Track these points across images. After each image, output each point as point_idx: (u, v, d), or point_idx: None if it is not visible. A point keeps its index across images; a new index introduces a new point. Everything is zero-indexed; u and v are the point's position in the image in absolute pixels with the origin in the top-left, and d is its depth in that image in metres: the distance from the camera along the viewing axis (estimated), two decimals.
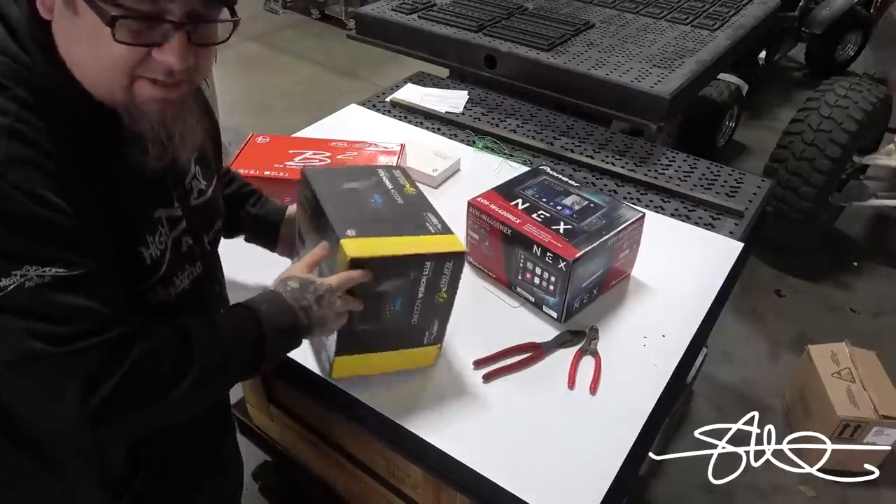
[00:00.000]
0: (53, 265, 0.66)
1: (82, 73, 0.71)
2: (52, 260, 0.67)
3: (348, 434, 1.22)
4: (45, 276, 0.66)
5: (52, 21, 0.68)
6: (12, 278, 0.65)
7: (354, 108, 1.91)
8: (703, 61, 1.93)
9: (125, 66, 0.69)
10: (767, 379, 2.35)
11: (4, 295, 0.64)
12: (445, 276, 0.98)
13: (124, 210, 0.76)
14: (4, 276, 0.64)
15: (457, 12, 2.17)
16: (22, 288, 0.65)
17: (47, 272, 0.66)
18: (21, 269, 0.65)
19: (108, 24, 0.65)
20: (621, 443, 0.99)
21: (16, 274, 0.65)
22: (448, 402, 1.04)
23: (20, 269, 0.65)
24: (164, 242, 0.82)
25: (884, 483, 1.98)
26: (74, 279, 0.68)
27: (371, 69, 4.54)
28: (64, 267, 0.67)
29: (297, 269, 0.92)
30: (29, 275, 0.65)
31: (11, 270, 0.65)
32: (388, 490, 1.21)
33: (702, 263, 1.36)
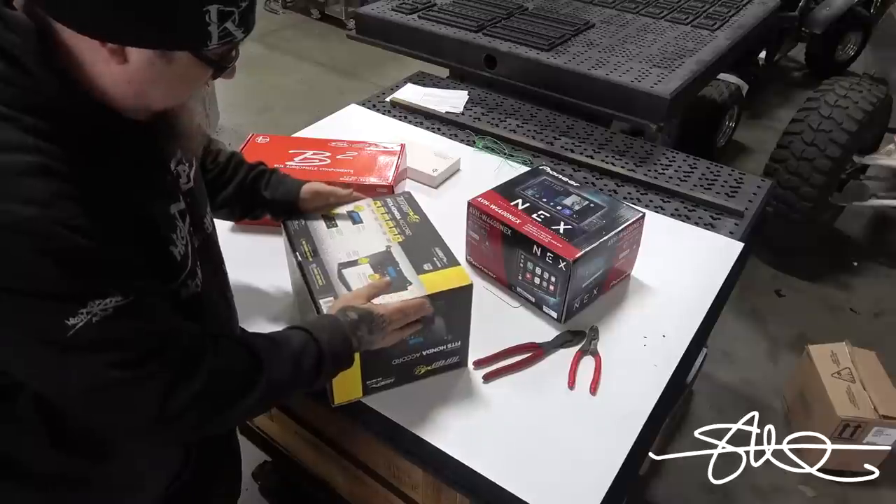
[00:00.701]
0: (112, 295, 0.68)
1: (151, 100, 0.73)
2: (110, 291, 0.68)
3: (348, 434, 1.22)
4: (107, 309, 0.68)
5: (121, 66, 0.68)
6: (79, 317, 0.66)
7: (354, 108, 1.91)
8: (703, 61, 1.93)
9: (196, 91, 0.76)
10: (767, 379, 2.35)
11: (74, 333, 0.66)
12: (458, 306, 1.01)
13: (150, 215, 0.78)
14: (71, 315, 0.66)
15: (457, 12, 2.17)
16: (90, 324, 0.67)
17: (109, 304, 0.68)
18: (86, 306, 0.66)
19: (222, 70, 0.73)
20: (621, 443, 0.99)
21: (82, 312, 0.66)
22: (448, 402, 1.04)
23: (84, 307, 0.66)
24: (184, 236, 0.84)
25: (884, 483, 1.98)
26: (132, 304, 0.70)
27: (371, 69, 4.54)
28: (122, 295, 0.69)
29: (358, 299, 0.94)
30: (94, 310, 0.67)
31: (77, 310, 0.66)
32: (388, 490, 1.21)
33: (702, 263, 1.36)
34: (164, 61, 0.68)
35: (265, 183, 1.13)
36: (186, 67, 0.70)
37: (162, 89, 0.73)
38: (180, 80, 0.72)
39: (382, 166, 1.41)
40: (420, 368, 1.05)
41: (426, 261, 1.02)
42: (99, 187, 0.70)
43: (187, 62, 0.70)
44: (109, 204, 0.71)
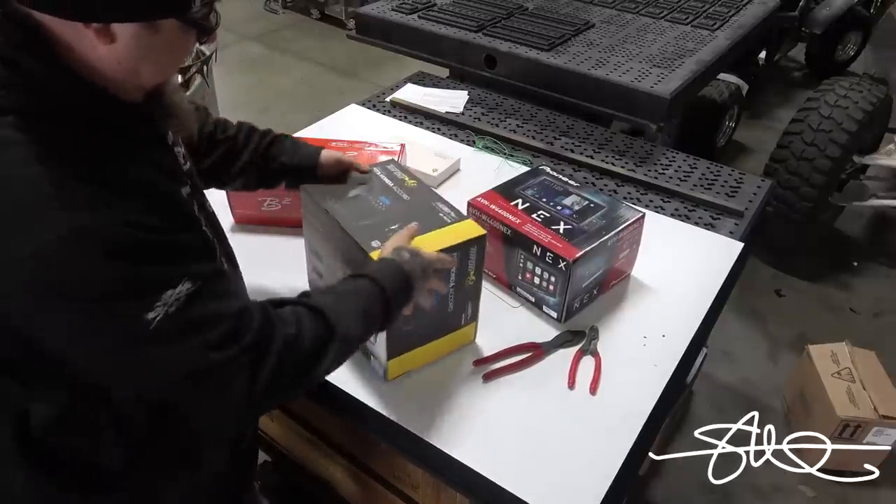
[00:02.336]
0: (182, 284, 0.68)
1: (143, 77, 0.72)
2: (179, 279, 0.68)
3: (348, 434, 1.22)
4: (181, 297, 0.68)
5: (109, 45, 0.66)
6: (156, 310, 0.66)
7: (354, 108, 1.91)
8: (703, 61, 1.93)
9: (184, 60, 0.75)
10: (767, 379, 2.35)
11: (156, 327, 0.66)
12: (472, 261, 1.03)
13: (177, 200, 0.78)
14: (148, 310, 0.66)
15: (457, 12, 2.17)
16: (168, 315, 0.67)
17: (181, 292, 0.68)
18: (160, 299, 0.66)
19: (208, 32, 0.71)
20: (621, 443, 0.99)
21: (158, 305, 0.66)
22: (448, 402, 1.04)
23: (159, 300, 0.66)
24: (201, 217, 0.84)
25: (884, 483, 1.98)
26: (201, 290, 0.70)
27: (371, 69, 4.54)
28: (191, 282, 0.69)
29: (403, 239, 0.95)
30: (168, 301, 0.67)
31: (153, 304, 0.66)
32: (387, 490, 1.21)
33: (702, 263, 1.36)
34: (151, 33, 0.67)
35: (282, 149, 1.11)
36: (173, 35, 0.69)
37: (152, 63, 0.71)
38: (168, 49, 0.72)
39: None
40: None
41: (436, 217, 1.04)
42: (133, 180, 0.70)
43: (173, 29, 0.69)
44: (148, 194, 0.71)
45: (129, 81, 0.72)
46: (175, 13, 0.67)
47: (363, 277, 0.88)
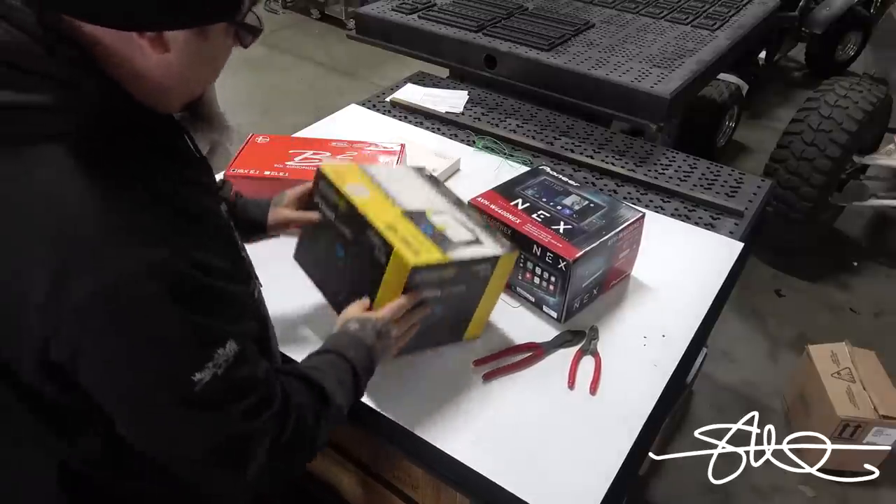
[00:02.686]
0: (231, 343, 0.65)
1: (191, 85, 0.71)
2: (229, 338, 0.65)
3: (348, 434, 1.22)
4: (229, 359, 0.65)
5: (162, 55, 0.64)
6: (205, 371, 0.63)
7: (354, 108, 1.91)
8: (703, 61, 1.93)
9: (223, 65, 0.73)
10: (767, 379, 2.35)
11: (201, 389, 0.63)
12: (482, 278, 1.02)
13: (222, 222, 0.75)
14: (198, 370, 0.62)
15: (457, 12, 2.17)
16: (216, 377, 0.64)
17: (230, 352, 0.65)
18: (213, 358, 0.63)
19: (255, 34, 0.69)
20: (621, 443, 0.99)
21: (209, 366, 0.63)
22: (448, 402, 1.04)
23: (212, 360, 0.63)
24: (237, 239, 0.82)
25: (884, 483, 1.98)
26: (243, 350, 0.67)
27: (371, 69, 4.54)
28: (236, 342, 0.66)
29: (354, 311, 0.94)
30: (219, 362, 0.64)
31: (205, 363, 0.63)
32: (387, 490, 1.21)
33: (702, 263, 1.36)
34: (201, 39, 0.65)
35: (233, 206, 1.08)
36: (220, 40, 0.68)
37: (200, 69, 0.70)
38: (215, 55, 0.70)
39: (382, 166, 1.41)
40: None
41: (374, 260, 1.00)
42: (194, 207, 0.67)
43: (220, 34, 0.67)
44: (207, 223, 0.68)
45: (175, 90, 0.69)
46: (225, 17, 0.66)
47: (330, 353, 0.87)
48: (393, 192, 1.03)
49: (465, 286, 1.01)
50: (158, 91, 0.67)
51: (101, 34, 0.61)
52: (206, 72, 0.72)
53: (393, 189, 1.04)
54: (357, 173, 1.05)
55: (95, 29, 0.61)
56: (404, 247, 0.90)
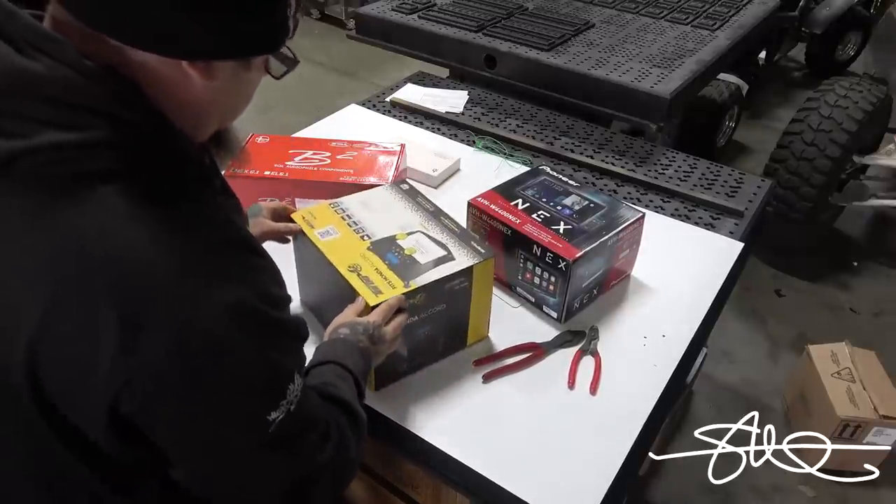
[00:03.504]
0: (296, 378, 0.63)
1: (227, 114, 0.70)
2: (297, 373, 0.64)
3: None
4: (297, 393, 0.63)
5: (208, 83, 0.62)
6: (280, 410, 0.61)
7: (354, 108, 1.91)
8: (703, 61, 1.93)
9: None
10: (767, 379, 2.35)
11: (276, 428, 0.61)
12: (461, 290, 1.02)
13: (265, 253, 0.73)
14: (273, 409, 0.60)
15: (457, 12, 2.17)
16: (289, 414, 0.62)
17: (298, 389, 0.63)
18: (286, 396, 0.61)
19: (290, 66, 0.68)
20: (621, 443, 0.99)
21: (282, 404, 0.61)
22: (448, 403, 1.04)
23: (285, 398, 0.61)
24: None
25: (884, 483, 1.98)
26: (304, 385, 0.65)
27: (371, 69, 4.54)
28: (300, 375, 0.64)
29: (344, 316, 0.93)
30: (290, 398, 0.62)
31: (279, 401, 0.61)
32: (387, 490, 1.21)
33: (702, 263, 1.36)
34: (245, 69, 0.64)
35: None
36: (259, 70, 0.67)
37: (239, 99, 0.69)
38: (252, 85, 0.69)
39: (382, 166, 1.41)
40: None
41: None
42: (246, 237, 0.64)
43: (260, 65, 0.66)
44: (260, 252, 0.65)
45: (213, 119, 0.68)
46: (269, 49, 0.65)
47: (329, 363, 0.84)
48: (364, 224, 1.07)
49: (445, 303, 1.02)
50: (197, 119, 0.66)
51: (151, 63, 0.59)
52: (242, 101, 0.71)
53: (365, 220, 1.08)
54: (328, 214, 1.09)
55: (146, 56, 0.58)
56: (364, 287, 0.94)
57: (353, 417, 0.78)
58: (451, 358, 1.11)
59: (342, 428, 0.74)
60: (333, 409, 0.76)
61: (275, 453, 0.63)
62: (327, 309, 1.07)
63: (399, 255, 1.01)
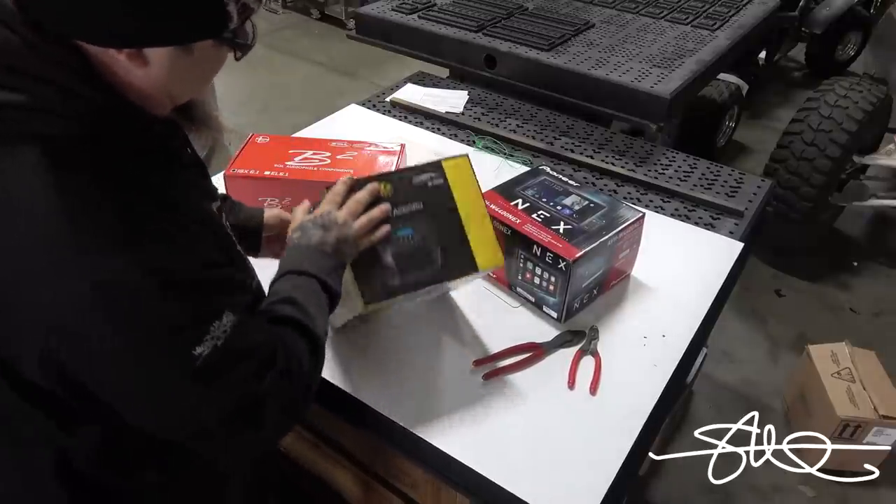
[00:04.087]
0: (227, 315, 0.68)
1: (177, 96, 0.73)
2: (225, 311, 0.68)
3: (348, 433, 1.22)
4: (227, 329, 0.67)
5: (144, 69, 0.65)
6: (205, 344, 0.65)
7: (354, 108, 1.91)
8: (703, 61, 1.93)
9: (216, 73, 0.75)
10: (767, 379, 2.35)
11: (203, 361, 0.65)
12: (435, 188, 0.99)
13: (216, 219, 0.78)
14: (197, 344, 0.65)
15: (457, 12, 2.17)
16: (216, 348, 0.66)
17: (227, 324, 0.67)
18: (209, 332, 0.66)
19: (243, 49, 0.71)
20: (621, 443, 0.99)
21: (207, 339, 0.66)
22: (448, 402, 1.04)
23: (207, 333, 0.66)
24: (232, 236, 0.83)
25: (884, 483, 1.98)
26: (241, 321, 0.70)
27: (371, 69, 4.54)
28: (233, 313, 0.68)
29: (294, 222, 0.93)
30: (216, 334, 0.66)
31: (203, 337, 0.65)
32: (387, 490, 1.21)
33: (702, 263, 1.36)
34: (185, 54, 0.66)
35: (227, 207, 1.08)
36: (206, 53, 0.68)
37: (187, 82, 0.72)
38: (203, 67, 0.72)
39: (382, 166, 1.41)
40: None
41: None
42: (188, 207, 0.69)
43: (206, 48, 0.68)
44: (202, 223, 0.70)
45: (160, 100, 0.71)
46: (209, 35, 0.66)
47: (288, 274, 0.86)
48: None
49: (423, 202, 0.98)
50: (146, 99, 0.69)
51: (90, 47, 0.63)
52: (192, 83, 0.73)
53: None
54: None
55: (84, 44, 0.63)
56: None
57: (309, 338, 0.80)
58: (451, 358, 1.11)
59: (295, 352, 0.77)
60: (286, 331, 0.79)
61: (206, 384, 0.67)
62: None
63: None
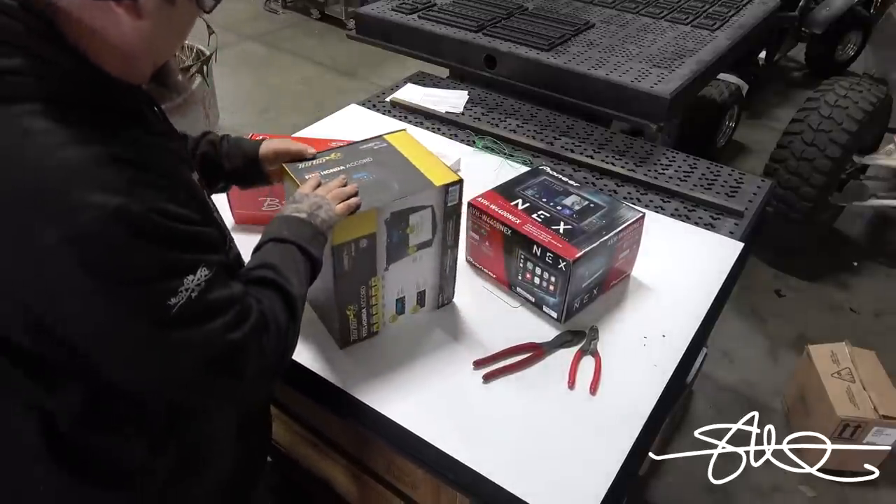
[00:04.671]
0: (201, 270, 0.70)
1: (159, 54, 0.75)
2: (199, 265, 0.70)
3: (348, 434, 1.22)
4: (201, 283, 0.70)
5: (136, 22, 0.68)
6: (179, 295, 0.68)
7: (354, 108, 1.92)
8: (703, 61, 1.93)
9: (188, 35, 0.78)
10: (767, 379, 2.35)
11: (178, 311, 0.68)
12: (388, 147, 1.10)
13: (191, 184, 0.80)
14: (172, 295, 0.67)
15: (457, 12, 2.17)
16: (190, 300, 0.69)
17: (202, 277, 0.70)
18: (183, 283, 0.68)
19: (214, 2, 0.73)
20: (621, 443, 0.99)
21: (181, 290, 0.68)
22: (448, 402, 1.04)
23: (183, 285, 0.68)
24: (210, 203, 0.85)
25: (884, 483, 1.98)
26: (216, 275, 0.72)
27: (371, 69, 4.54)
28: (208, 268, 0.71)
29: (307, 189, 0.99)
30: (190, 286, 0.69)
31: (177, 288, 0.68)
32: (387, 490, 1.21)
33: (702, 263, 1.36)
34: (169, 5, 0.69)
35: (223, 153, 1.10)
36: (184, 6, 0.72)
37: (169, 37, 0.75)
38: (181, 22, 0.74)
39: None
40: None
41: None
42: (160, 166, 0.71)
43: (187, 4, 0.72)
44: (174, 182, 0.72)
45: (144, 58, 0.73)
46: None
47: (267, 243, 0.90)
48: None
49: (371, 158, 1.08)
50: (129, 59, 0.71)
51: (76, 7, 0.65)
52: (173, 38, 0.76)
53: None
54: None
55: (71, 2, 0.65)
56: None
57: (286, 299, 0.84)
58: (451, 358, 1.12)
59: (273, 310, 0.81)
60: (263, 291, 0.83)
61: (182, 332, 0.69)
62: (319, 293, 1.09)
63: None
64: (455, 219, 1.09)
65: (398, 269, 1.08)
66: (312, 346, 1.13)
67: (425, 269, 1.12)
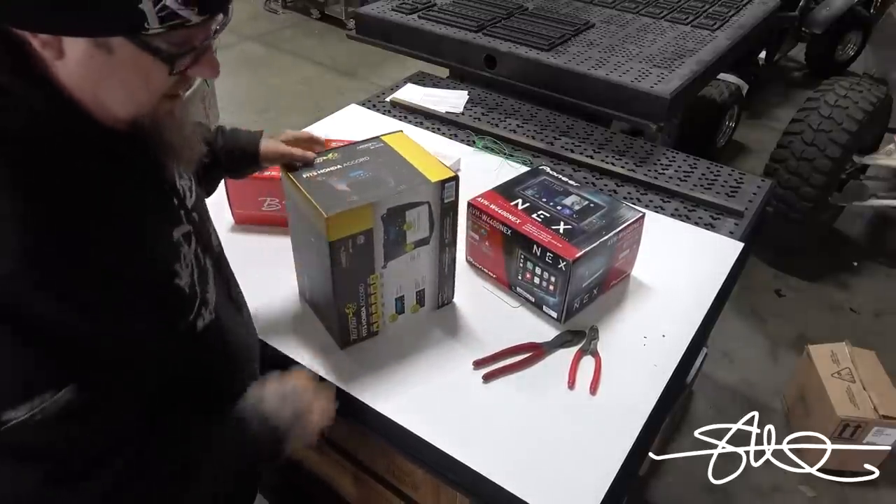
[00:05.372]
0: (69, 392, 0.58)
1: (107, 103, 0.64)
2: (67, 384, 0.58)
3: (348, 433, 1.22)
4: (55, 408, 0.57)
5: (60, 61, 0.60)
6: (19, 410, 0.56)
7: (354, 108, 1.91)
8: (703, 61, 1.93)
9: (166, 90, 0.66)
10: (767, 379, 2.35)
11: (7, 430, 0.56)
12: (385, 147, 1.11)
13: (152, 246, 0.70)
14: (10, 408, 0.56)
15: (457, 12, 2.17)
16: (26, 424, 0.56)
17: (60, 400, 0.57)
18: (32, 399, 0.56)
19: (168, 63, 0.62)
20: (621, 443, 0.99)
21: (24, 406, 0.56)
22: (448, 403, 1.04)
23: (31, 401, 0.56)
24: (189, 263, 0.75)
25: (884, 483, 1.98)
26: (82, 405, 0.60)
27: (371, 69, 4.54)
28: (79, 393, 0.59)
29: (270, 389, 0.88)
30: (36, 405, 0.57)
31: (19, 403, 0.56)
32: (387, 490, 1.21)
33: (702, 263, 1.36)
34: (104, 51, 0.59)
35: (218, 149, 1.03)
36: (132, 59, 0.60)
37: (114, 88, 0.63)
38: (131, 75, 0.62)
39: None
40: None
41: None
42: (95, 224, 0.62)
43: (131, 52, 0.59)
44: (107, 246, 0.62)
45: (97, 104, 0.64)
46: (119, 32, 0.58)
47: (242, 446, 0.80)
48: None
49: (368, 156, 1.09)
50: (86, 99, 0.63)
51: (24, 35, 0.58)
52: (117, 90, 0.63)
53: None
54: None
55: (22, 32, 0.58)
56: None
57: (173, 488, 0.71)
58: (451, 358, 1.12)
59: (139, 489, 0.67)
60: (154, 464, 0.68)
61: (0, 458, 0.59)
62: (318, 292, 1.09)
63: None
64: (452, 216, 1.09)
65: (396, 267, 1.08)
66: (312, 346, 1.13)
67: (424, 267, 1.12)
